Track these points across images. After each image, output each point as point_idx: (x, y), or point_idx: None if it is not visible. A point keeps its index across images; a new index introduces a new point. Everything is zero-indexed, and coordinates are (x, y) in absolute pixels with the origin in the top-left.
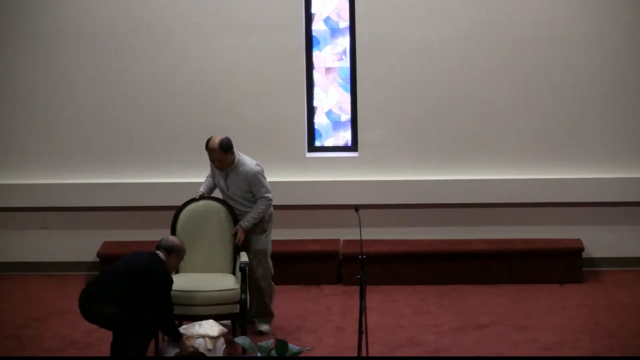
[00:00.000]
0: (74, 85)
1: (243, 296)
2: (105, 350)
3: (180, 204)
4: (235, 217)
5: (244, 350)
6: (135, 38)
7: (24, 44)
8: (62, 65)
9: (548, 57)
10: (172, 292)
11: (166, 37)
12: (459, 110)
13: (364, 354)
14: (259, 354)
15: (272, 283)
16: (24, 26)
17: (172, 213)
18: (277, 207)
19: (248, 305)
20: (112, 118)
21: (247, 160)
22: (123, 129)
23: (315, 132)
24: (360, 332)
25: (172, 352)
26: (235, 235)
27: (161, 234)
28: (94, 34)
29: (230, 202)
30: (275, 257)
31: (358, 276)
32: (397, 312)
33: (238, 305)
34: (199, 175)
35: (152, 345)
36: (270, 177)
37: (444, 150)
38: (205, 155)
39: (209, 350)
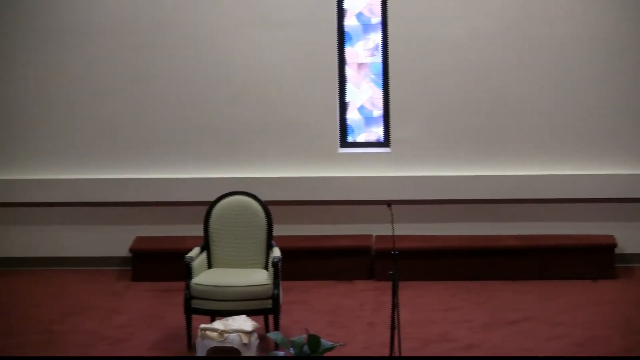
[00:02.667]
0: (106, 81)
1: (275, 291)
2: (137, 345)
3: (212, 199)
4: (268, 211)
5: (277, 345)
6: (167, 34)
7: (51, 39)
8: (91, 60)
9: (581, 52)
10: (203, 287)
11: (200, 32)
12: (491, 106)
13: (395, 349)
14: (291, 350)
15: None
16: (48, 21)
17: (204, 208)
18: (310, 203)
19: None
20: (146, 114)
21: None
22: (156, 124)
23: (348, 127)
24: (392, 328)
25: (206, 347)
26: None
27: (193, 229)
28: (127, 30)
29: None
30: (308, 252)
31: (390, 272)
32: (429, 307)
33: (270, 301)
34: (231, 171)
35: (184, 340)
36: (303, 173)
37: (476, 146)
38: (238, 151)
39: (245, 344)
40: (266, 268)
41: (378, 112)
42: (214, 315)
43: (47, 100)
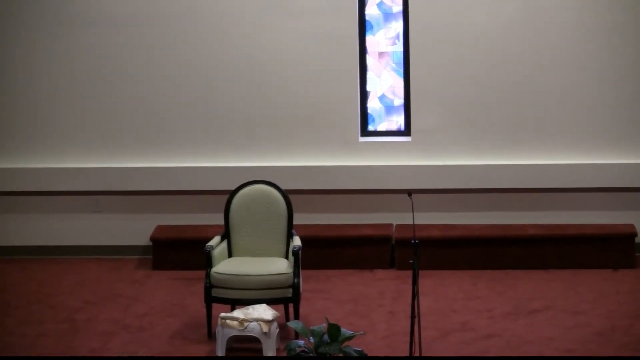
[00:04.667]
0: (127, 70)
1: (296, 280)
2: (157, 334)
3: (232, 188)
4: (289, 200)
5: (297, 334)
6: (187, 22)
7: (77, 28)
8: (113, 50)
9: (601, 41)
10: (224, 275)
11: (219, 21)
12: (512, 95)
13: (416, 338)
14: (311, 338)
15: None
16: (60, 9)
17: (224, 197)
18: (330, 192)
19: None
20: (165, 103)
21: None
22: (178, 113)
23: (368, 116)
24: (412, 317)
25: (226, 336)
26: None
27: (214, 218)
28: (144, 19)
29: None
30: (329, 241)
31: (411, 261)
32: (450, 296)
33: (291, 290)
34: (252, 160)
35: (204, 329)
36: (323, 162)
37: (497, 135)
38: (259, 139)
39: (265, 333)
40: (286, 257)
41: (399, 101)
42: (234, 304)
43: (70, 88)
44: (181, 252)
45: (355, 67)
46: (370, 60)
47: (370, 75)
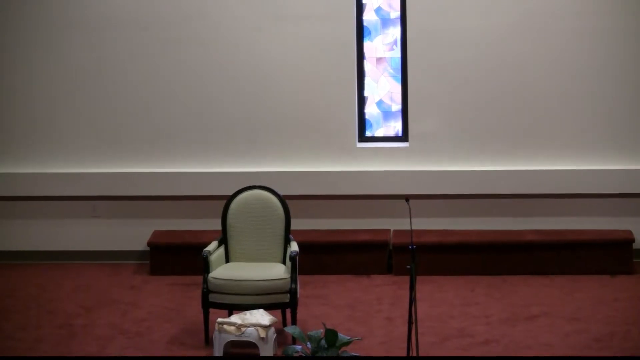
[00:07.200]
0: (125, 75)
1: (293, 285)
2: (155, 339)
3: (230, 193)
4: (286, 205)
5: (294, 339)
6: (186, 29)
7: (75, 33)
8: (111, 55)
9: (599, 47)
10: (221, 281)
11: (217, 27)
12: (510, 101)
13: (413, 344)
14: (308, 344)
15: None
16: (73, 15)
17: (222, 202)
18: (328, 197)
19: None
20: (163, 108)
21: None
22: (174, 118)
23: (366, 122)
24: (410, 323)
25: (223, 341)
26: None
27: (211, 223)
28: (143, 24)
29: None
30: (326, 247)
31: (408, 266)
32: (448, 302)
33: (288, 295)
34: (249, 165)
35: (202, 334)
36: (321, 167)
37: (495, 141)
38: (256, 145)
39: (262, 339)
40: (284, 262)
41: (396, 106)
42: (232, 309)
43: (68, 93)
44: (179, 257)
45: (353, 72)
46: (367, 65)
47: (367, 80)
